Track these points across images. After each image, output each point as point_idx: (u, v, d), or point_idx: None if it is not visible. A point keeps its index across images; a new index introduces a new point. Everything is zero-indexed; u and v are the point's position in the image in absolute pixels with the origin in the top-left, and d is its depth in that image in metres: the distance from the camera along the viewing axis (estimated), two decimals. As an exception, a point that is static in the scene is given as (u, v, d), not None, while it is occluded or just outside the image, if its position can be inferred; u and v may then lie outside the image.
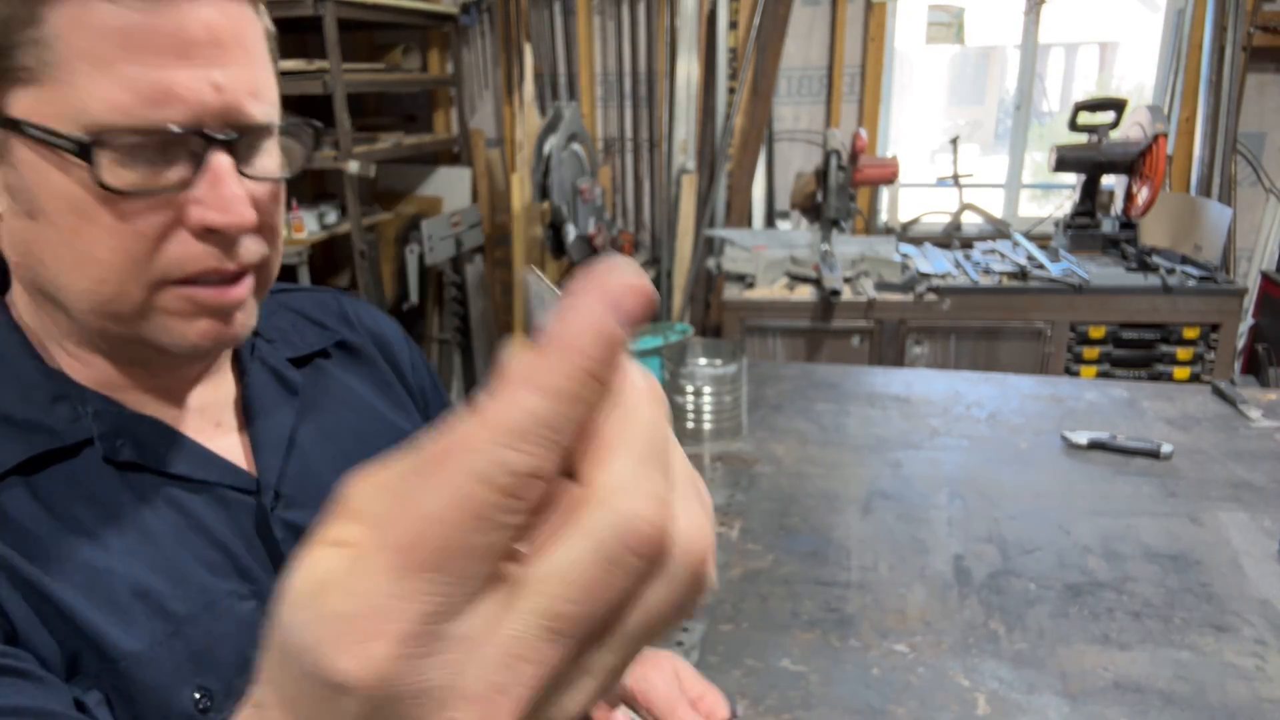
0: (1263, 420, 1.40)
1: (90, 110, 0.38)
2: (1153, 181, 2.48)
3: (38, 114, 0.38)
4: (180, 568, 0.45)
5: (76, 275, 0.41)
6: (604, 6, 3.25)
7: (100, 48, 0.37)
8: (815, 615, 0.92)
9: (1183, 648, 0.86)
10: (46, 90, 0.38)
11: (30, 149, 0.39)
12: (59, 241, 0.41)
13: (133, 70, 0.38)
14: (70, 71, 0.38)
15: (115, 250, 0.41)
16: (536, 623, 0.15)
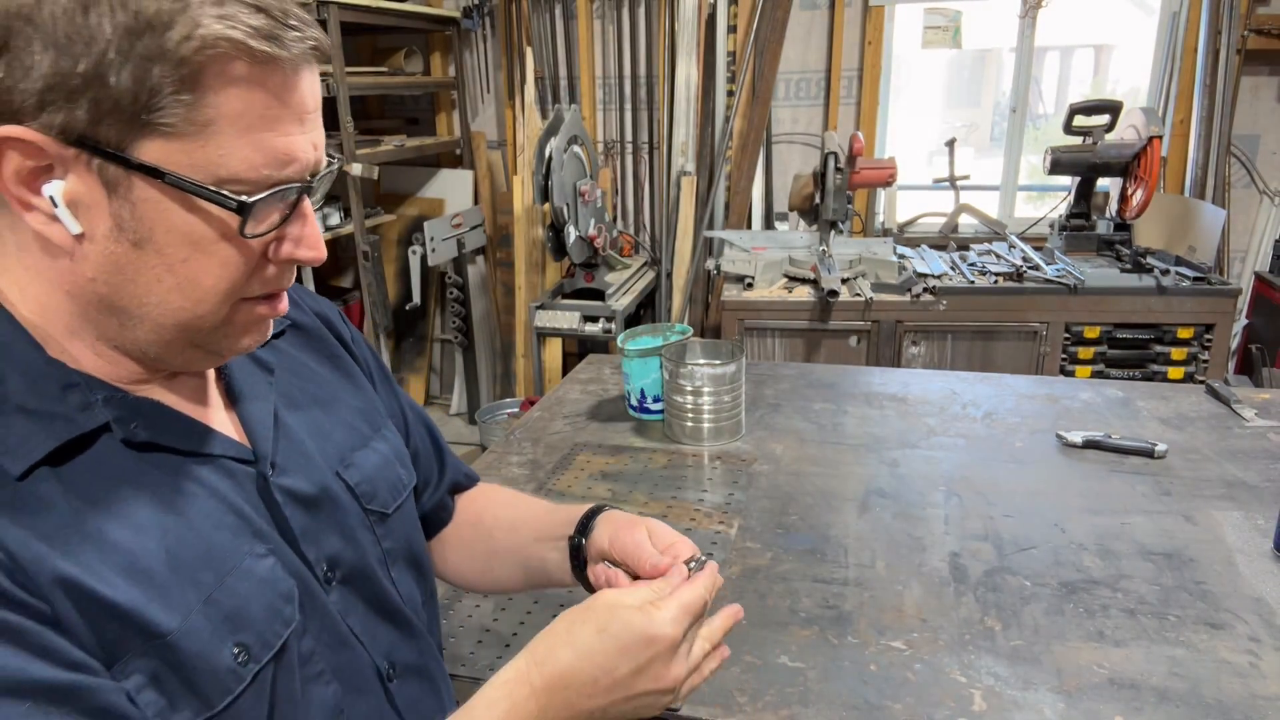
0: (1256, 420, 1.41)
1: (227, 166, 0.45)
2: (1147, 183, 2.49)
3: (170, 163, 0.44)
4: (205, 536, 0.49)
5: (175, 296, 0.47)
6: (604, 10, 3.26)
7: (245, 118, 0.44)
8: (813, 612, 0.93)
9: (1177, 645, 0.86)
10: (183, 144, 0.44)
11: (154, 189, 0.44)
12: (163, 268, 0.46)
13: (266, 137, 0.45)
14: (215, 133, 0.44)
15: (221, 278, 0.48)
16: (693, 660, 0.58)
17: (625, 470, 1.29)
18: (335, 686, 0.55)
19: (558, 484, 1.25)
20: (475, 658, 0.87)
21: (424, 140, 3.41)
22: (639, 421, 1.48)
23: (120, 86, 0.41)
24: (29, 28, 0.41)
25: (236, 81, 0.44)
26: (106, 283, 0.46)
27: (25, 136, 0.42)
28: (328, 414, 0.63)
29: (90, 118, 0.42)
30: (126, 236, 0.45)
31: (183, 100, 0.43)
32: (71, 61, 0.41)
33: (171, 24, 0.41)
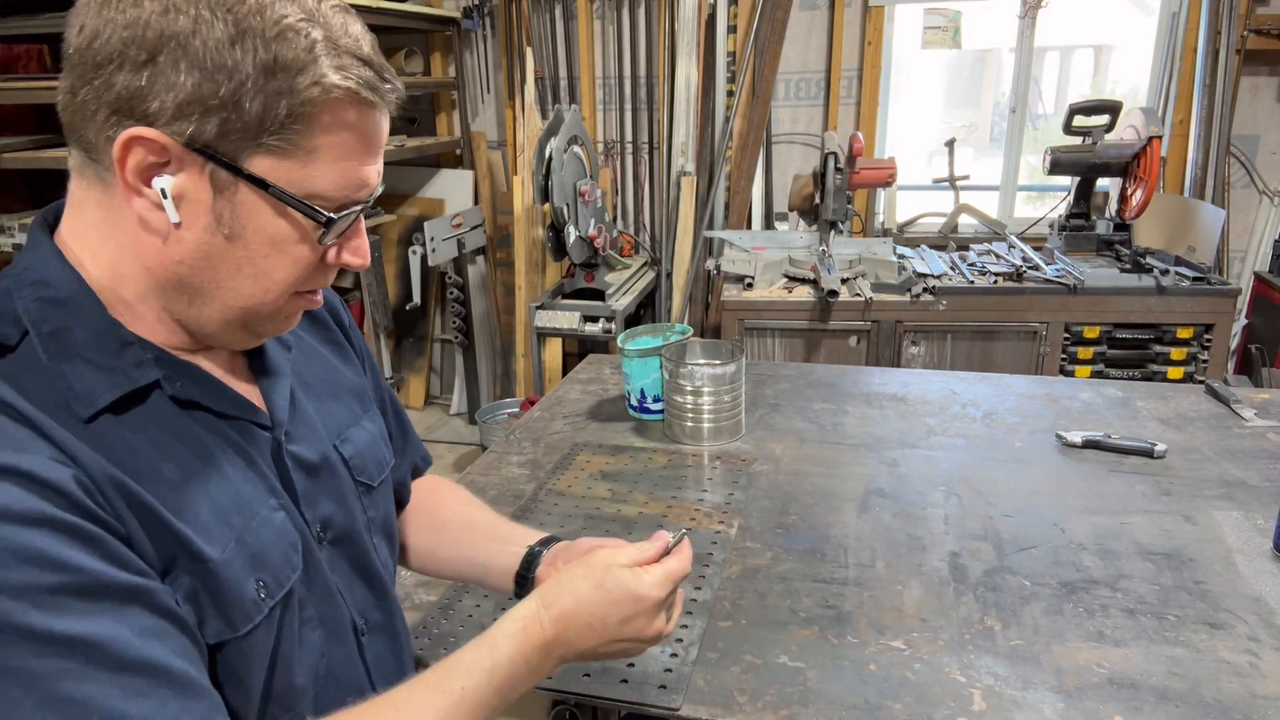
0: (1256, 420, 1.42)
1: (318, 185, 0.54)
2: (1147, 183, 2.49)
3: (274, 176, 0.52)
4: (235, 485, 0.57)
5: (249, 285, 0.56)
6: (604, 11, 3.26)
7: (340, 149, 0.54)
8: (813, 612, 0.93)
9: (1177, 644, 0.87)
10: (288, 163, 0.53)
11: (256, 195, 0.53)
12: (245, 260, 0.55)
13: (352, 166, 0.55)
14: (316, 159, 0.53)
15: (290, 274, 0.57)
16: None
17: (625, 470, 1.29)
18: (321, 633, 0.62)
19: (558, 484, 1.26)
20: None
21: (424, 140, 3.41)
22: (639, 421, 1.48)
23: (250, 112, 0.50)
24: (179, 50, 0.49)
25: (342, 121, 0.53)
26: (191, 266, 0.54)
27: (156, 138, 0.50)
28: (330, 392, 0.70)
29: (218, 132, 0.50)
30: (222, 230, 0.53)
31: (296, 130, 0.52)
32: (214, 86, 0.49)
33: (303, 70, 0.51)
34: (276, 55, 0.50)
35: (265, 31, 0.50)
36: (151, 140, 0.50)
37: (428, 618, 0.94)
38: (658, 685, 0.82)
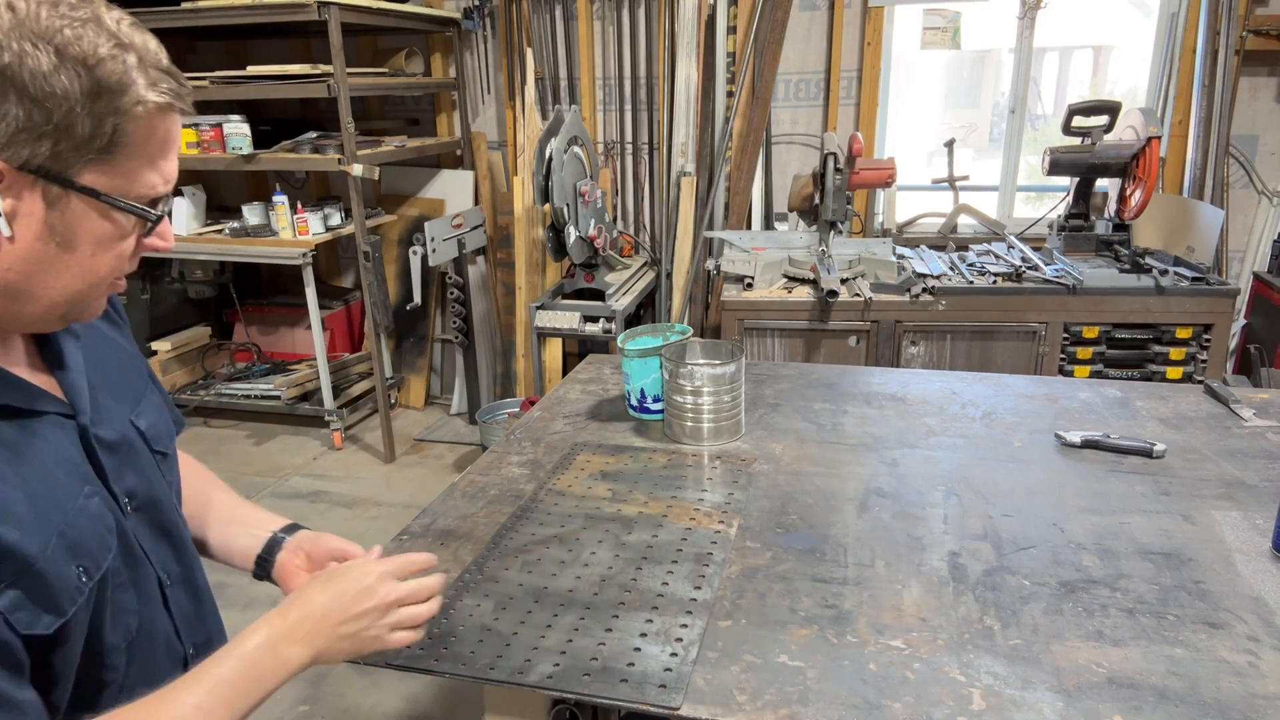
0: (1255, 419, 1.42)
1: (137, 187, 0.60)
2: (1146, 184, 2.50)
3: (101, 185, 0.58)
4: (49, 480, 0.61)
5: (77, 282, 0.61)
6: (604, 11, 3.27)
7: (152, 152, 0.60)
8: (812, 612, 0.93)
9: (1176, 644, 0.87)
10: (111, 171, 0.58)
11: (84, 204, 0.58)
12: (74, 262, 0.60)
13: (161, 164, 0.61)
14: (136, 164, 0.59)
15: (113, 267, 0.62)
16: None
17: (625, 470, 1.29)
18: (132, 593, 0.69)
19: (558, 484, 1.26)
20: (475, 657, 0.87)
21: (424, 141, 3.41)
22: (639, 421, 1.48)
23: (79, 132, 0.55)
24: (8, 83, 0.53)
25: (155, 129, 0.59)
26: (20, 273, 0.59)
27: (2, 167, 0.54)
28: (118, 372, 0.75)
29: (50, 154, 0.55)
30: (54, 239, 0.58)
31: (121, 143, 0.57)
32: (45, 113, 0.54)
33: (124, 89, 0.56)
34: (99, 79, 0.55)
35: (86, 59, 0.55)
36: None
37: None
38: (658, 685, 0.82)
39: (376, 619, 0.71)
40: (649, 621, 0.92)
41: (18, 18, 0.53)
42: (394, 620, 0.73)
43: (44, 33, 0.53)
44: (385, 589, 0.72)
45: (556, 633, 0.90)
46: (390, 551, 1.08)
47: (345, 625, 0.70)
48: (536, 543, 1.09)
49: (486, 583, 1.01)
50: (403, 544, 1.11)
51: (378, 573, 0.73)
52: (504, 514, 1.17)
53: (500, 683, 0.84)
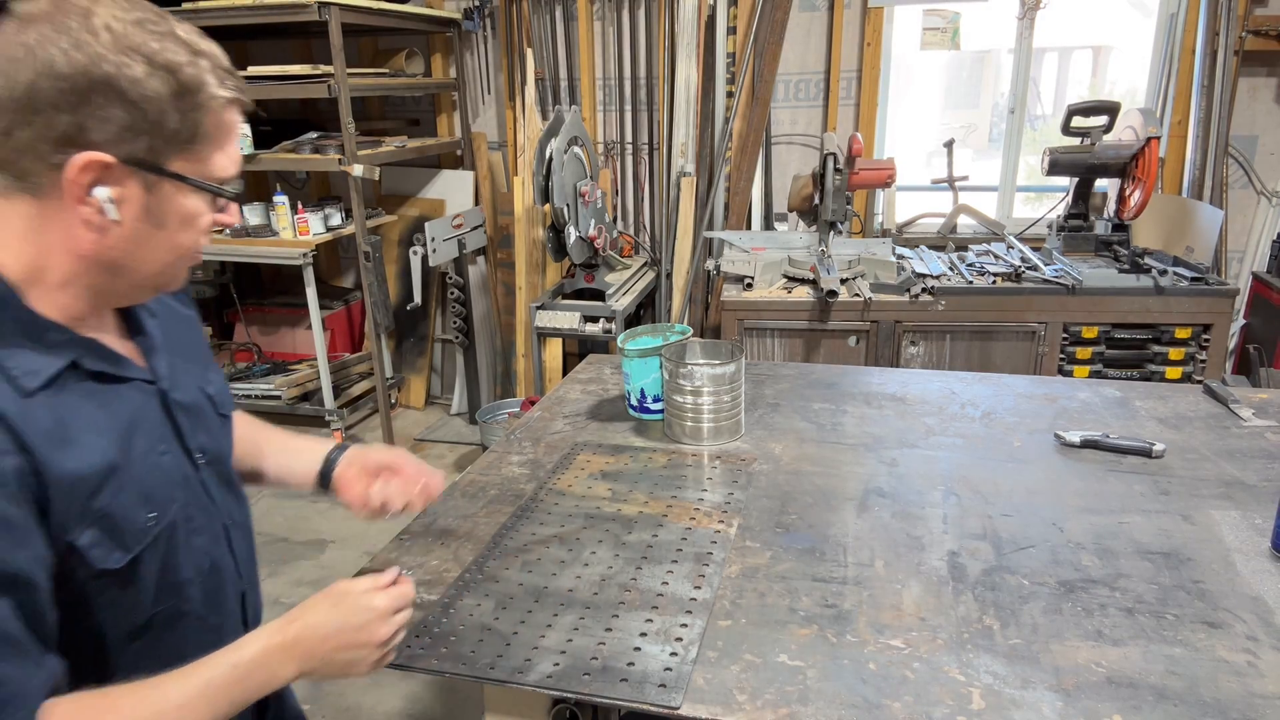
0: (1254, 419, 1.42)
1: (214, 171, 0.70)
2: (1145, 184, 2.50)
3: (188, 170, 0.68)
4: (132, 436, 0.72)
5: (166, 255, 0.71)
6: (604, 12, 3.27)
7: (223, 140, 0.70)
8: (812, 611, 0.94)
9: (1175, 644, 0.87)
10: (195, 158, 0.68)
11: (175, 187, 0.68)
12: (165, 238, 0.70)
13: (229, 150, 0.71)
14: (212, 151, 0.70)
15: (195, 241, 0.73)
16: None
17: (625, 470, 1.29)
18: (205, 536, 0.79)
19: (558, 483, 1.26)
20: (475, 656, 0.87)
21: (425, 141, 3.41)
22: (639, 421, 1.49)
23: (170, 128, 0.66)
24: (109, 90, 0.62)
25: (225, 120, 0.70)
26: (123, 250, 0.69)
27: (102, 159, 0.64)
28: (191, 346, 0.86)
29: (147, 147, 0.65)
30: (150, 220, 0.69)
31: (201, 133, 0.68)
32: (141, 113, 0.64)
33: (200, 88, 0.66)
34: (182, 81, 0.65)
35: (170, 65, 0.64)
36: (99, 161, 0.63)
37: (428, 616, 0.94)
38: (658, 684, 0.82)
39: (368, 654, 0.76)
40: (649, 621, 0.92)
41: (114, 35, 0.62)
42: (379, 656, 0.77)
43: (135, 46, 0.63)
44: (384, 629, 0.76)
45: (556, 632, 0.90)
46: (393, 549, 1.08)
47: (340, 653, 0.75)
48: (536, 542, 1.09)
49: (486, 582, 1.01)
50: (403, 544, 1.11)
51: (380, 610, 0.76)
52: (504, 514, 1.17)
53: (500, 682, 0.84)
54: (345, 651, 0.75)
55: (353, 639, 0.75)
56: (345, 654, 0.75)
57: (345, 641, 0.74)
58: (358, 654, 0.75)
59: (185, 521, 0.76)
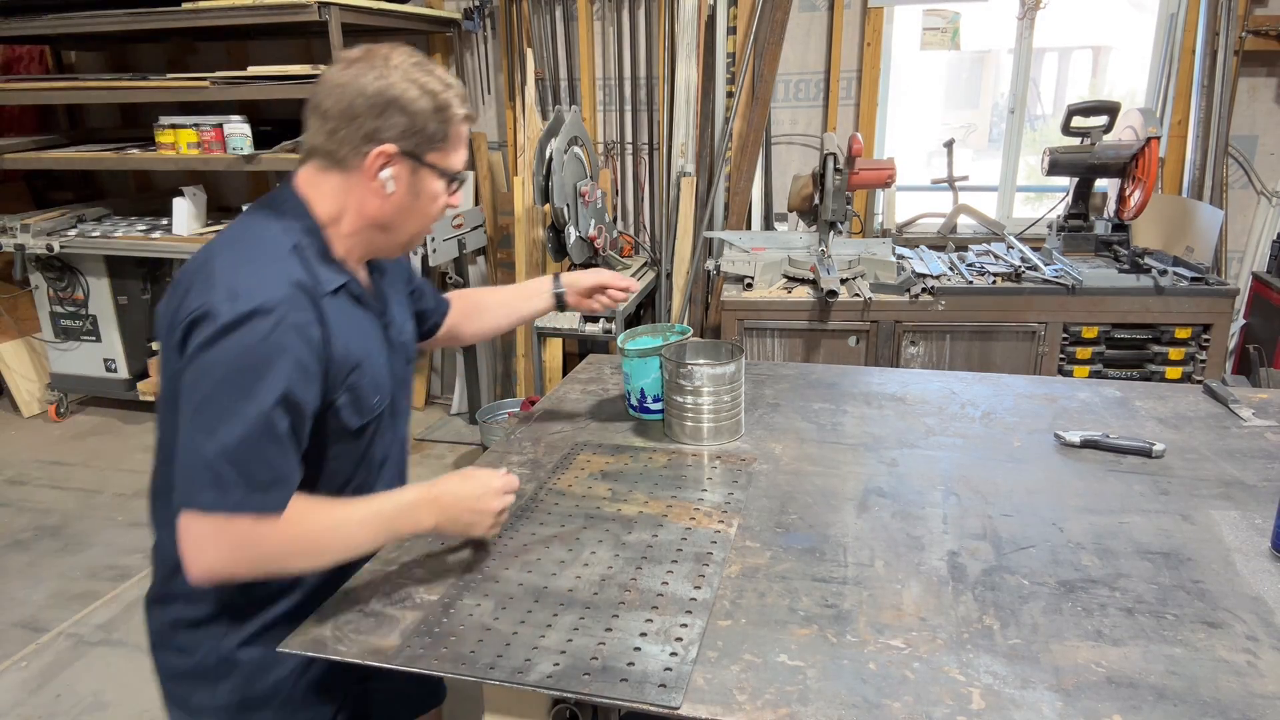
0: (1254, 419, 1.42)
1: (451, 165, 1.02)
2: (1145, 184, 2.50)
3: (438, 162, 1.00)
4: (370, 345, 1.04)
5: (418, 221, 1.03)
6: (604, 12, 3.27)
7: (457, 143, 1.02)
8: (812, 611, 0.94)
9: (1175, 644, 0.87)
10: (442, 154, 1.00)
11: (428, 172, 1.00)
12: (419, 208, 1.02)
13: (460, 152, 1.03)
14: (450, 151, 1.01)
15: (436, 213, 1.04)
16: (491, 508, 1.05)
17: (625, 470, 1.29)
18: (391, 431, 1.12)
19: (558, 483, 1.26)
20: (475, 656, 0.87)
21: (424, 141, 3.41)
22: (639, 421, 1.49)
23: (429, 132, 0.98)
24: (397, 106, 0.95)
25: (461, 130, 1.02)
26: (392, 214, 1.01)
27: (391, 151, 0.96)
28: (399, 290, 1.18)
29: (415, 144, 0.98)
30: (412, 193, 1.00)
31: (446, 138, 1.00)
32: (412, 121, 0.96)
33: (449, 106, 0.99)
34: (438, 102, 0.97)
35: (431, 90, 0.97)
36: (388, 152, 0.96)
37: (428, 616, 0.94)
38: (657, 684, 0.82)
39: (483, 520, 1.02)
40: (649, 621, 0.92)
41: (402, 71, 0.95)
42: (490, 523, 1.03)
43: (413, 78, 0.96)
44: (498, 502, 1.03)
45: (556, 632, 0.90)
46: (394, 549, 1.08)
47: (464, 515, 1.01)
48: (536, 542, 1.09)
49: (486, 583, 1.01)
50: (403, 543, 1.11)
51: (494, 488, 1.03)
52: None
53: (500, 682, 0.84)
54: (468, 515, 1.01)
55: (474, 505, 1.01)
56: (467, 516, 1.01)
57: (469, 506, 1.01)
58: (476, 518, 1.01)
59: (386, 418, 1.08)
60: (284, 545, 0.90)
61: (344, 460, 1.03)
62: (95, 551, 2.70)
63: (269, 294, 0.89)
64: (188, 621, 1.01)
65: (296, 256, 0.95)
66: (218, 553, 0.87)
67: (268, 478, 0.88)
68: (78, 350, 3.63)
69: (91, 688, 2.08)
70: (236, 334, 0.86)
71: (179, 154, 3.12)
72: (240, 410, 0.86)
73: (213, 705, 1.03)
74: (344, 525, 0.93)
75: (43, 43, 3.97)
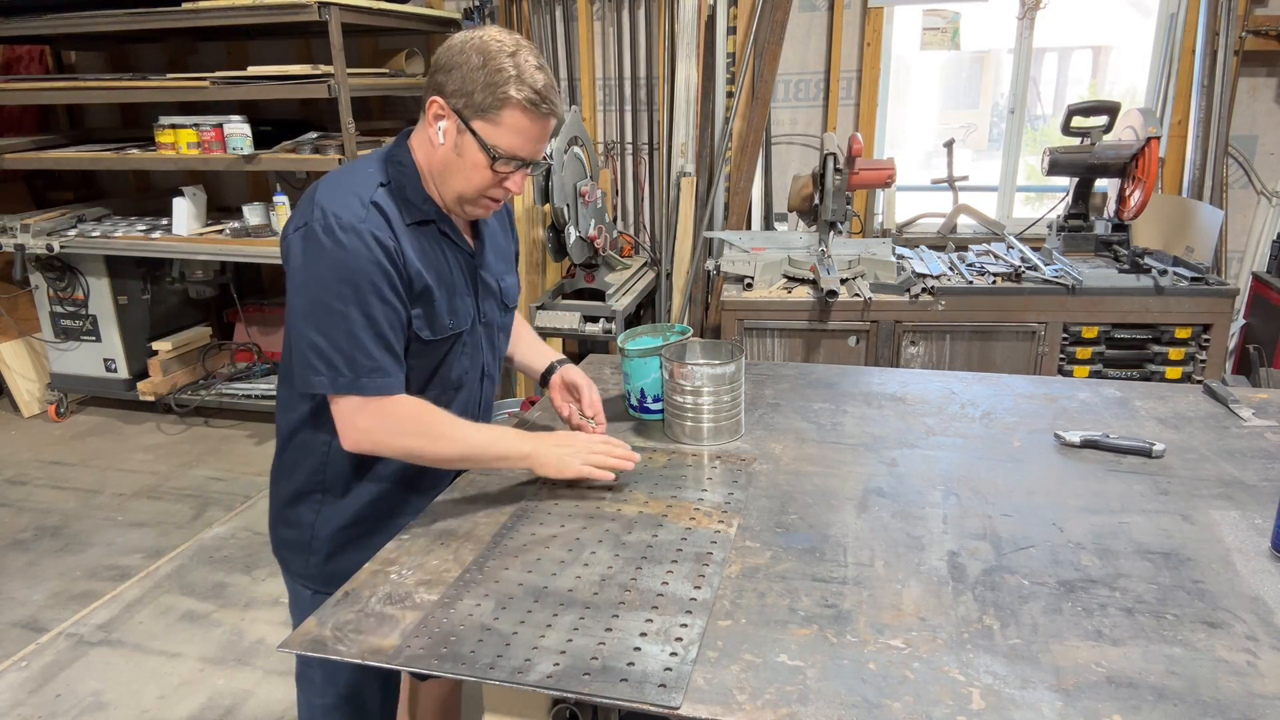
0: (1254, 419, 1.42)
1: (498, 142, 1.10)
2: (1145, 184, 2.50)
3: (481, 131, 1.09)
4: (453, 278, 1.20)
5: (461, 182, 1.13)
6: (604, 12, 3.27)
7: (512, 128, 1.09)
8: (812, 611, 0.94)
9: (1175, 644, 0.87)
10: (489, 125, 1.09)
11: (471, 139, 1.09)
12: (461, 168, 1.12)
13: (517, 140, 1.10)
14: (499, 129, 1.09)
15: (479, 181, 1.13)
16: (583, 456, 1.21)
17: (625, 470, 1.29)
18: (467, 362, 1.26)
19: (558, 483, 1.26)
20: (475, 656, 0.87)
21: (424, 141, 3.41)
22: (639, 421, 1.49)
23: (478, 99, 1.07)
24: (457, 68, 1.08)
25: (514, 115, 1.08)
26: (441, 167, 1.13)
27: (444, 103, 1.09)
28: (503, 252, 1.33)
29: (464, 105, 1.08)
30: (456, 151, 1.11)
31: (495, 112, 1.08)
32: (465, 84, 1.07)
33: (502, 85, 1.06)
34: (492, 75, 1.06)
35: (490, 63, 1.06)
36: (438, 103, 1.09)
37: (428, 616, 0.94)
38: (657, 684, 0.82)
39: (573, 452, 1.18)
40: (649, 621, 0.92)
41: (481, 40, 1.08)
42: (585, 456, 1.17)
43: (481, 49, 1.07)
44: (584, 439, 1.22)
45: (556, 632, 0.90)
46: (394, 549, 1.08)
47: (561, 449, 1.18)
48: (536, 542, 1.09)
49: (486, 582, 1.01)
50: (403, 543, 1.11)
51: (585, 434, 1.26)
52: (504, 514, 1.17)
53: (500, 682, 0.84)
54: (560, 447, 1.18)
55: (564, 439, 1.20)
56: (560, 449, 1.18)
57: (560, 439, 1.19)
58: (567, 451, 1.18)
59: (463, 345, 1.22)
60: (405, 423, 1.11)
61: (419, 370, 1.19)
62: (95, 551, 2.70)
63: (353, 212, 1.07)
64: (287, 497, 1.25)
65: (383, 189, 1.12)
66: (350, 422, 1.09)
67: (369, 364, 1.08)
68: (78, 350, 3.63)
69: (91, 688, 2.08)
70: (327, 244, 1.06)
71: (179, 154, 3.12)
72: (334, 309, 1.06)
73: (305, 572, 1.26)
74: (458, 423, 1.15)
75: (43, 43, 3.97)
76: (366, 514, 1.24)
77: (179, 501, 2.99)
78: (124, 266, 3.53)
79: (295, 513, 1.25)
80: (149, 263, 3.57)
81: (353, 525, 1.23)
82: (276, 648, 0.91)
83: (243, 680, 2.09)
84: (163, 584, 2.50)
